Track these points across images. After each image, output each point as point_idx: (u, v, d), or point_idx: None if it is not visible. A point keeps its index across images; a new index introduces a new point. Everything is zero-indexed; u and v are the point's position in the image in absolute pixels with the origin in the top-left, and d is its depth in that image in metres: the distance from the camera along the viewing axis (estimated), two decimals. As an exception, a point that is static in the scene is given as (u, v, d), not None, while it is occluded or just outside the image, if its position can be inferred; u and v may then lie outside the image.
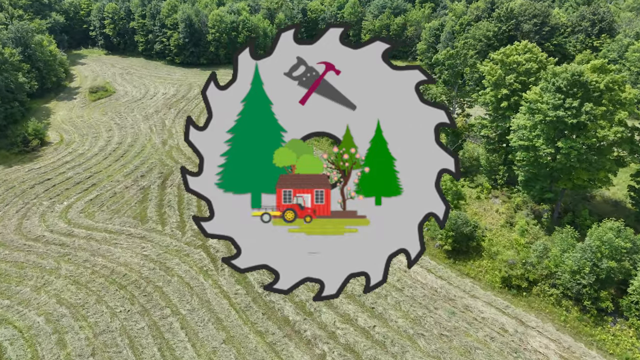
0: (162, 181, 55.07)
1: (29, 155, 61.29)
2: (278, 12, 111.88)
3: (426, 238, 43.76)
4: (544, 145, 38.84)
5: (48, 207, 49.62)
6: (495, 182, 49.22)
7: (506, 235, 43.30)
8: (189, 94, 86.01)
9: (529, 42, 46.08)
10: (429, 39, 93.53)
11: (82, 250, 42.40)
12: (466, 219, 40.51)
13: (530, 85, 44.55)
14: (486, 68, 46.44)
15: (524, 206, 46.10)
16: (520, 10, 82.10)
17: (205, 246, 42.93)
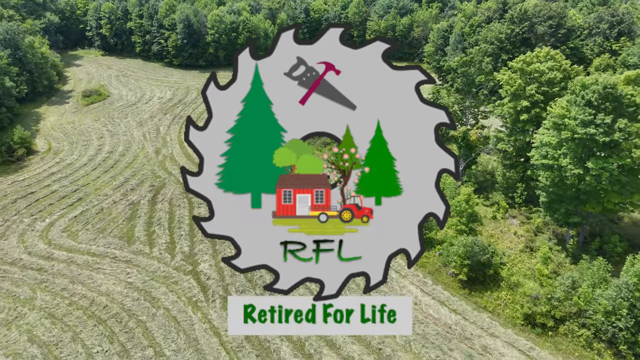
0: (153, 195, 51.40)
1: (13, 165, 57.72)
2: (280, 12, 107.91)
3: (438, 264, 39.91)
4: (571, 165, 34.87)
5: (29, 225, 46.01)
6: (513, 200, 45.26)
7: (526, 261, 39.36)
8: (186, 98, 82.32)
9: (551, 49, 42.02)
10: (437, 41, 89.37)
11: (61, 276, 38.74)
12: (483, 246, 36.61)
13: (554, 96, 40.58)
14: (504, 77, 42.45)
15: (545, 228, 42.16)
16: (534, 12, 77.86)
17: (195, 272, 39.23)
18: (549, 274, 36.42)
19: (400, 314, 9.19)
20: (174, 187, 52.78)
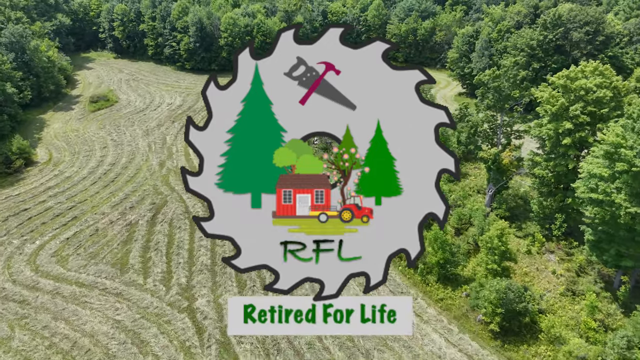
0: (153, 215, 47.64)
1: (9, 178, 54.65)
2: (296, 15, 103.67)
3: (465, 308, 35.09)
4: (627, 203, 29.72)
5: (17, 247, 42.61)
6: (550, 232, 40.06)
7: (568, 308, 34.25)
8: (196, 105, 78.77)
9: (600, 63, 36.75)
10: (462, 46, 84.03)
11: (44, 311, 35.08)
12: (519, 292, 31.69)
13: (602, 118, 35.38)
14: (544, 94, 37.32)
15: (589, 268, 36.94)
16: (569, 17, 71.95)
17: (191, 309, 35.16)
18: (597, 326, 31.32)
19: (400, 314, 9.13)
20: (175, 206, 48.95)
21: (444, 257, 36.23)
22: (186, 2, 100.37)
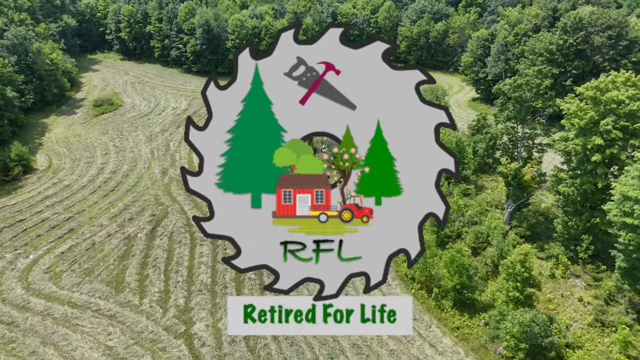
0: (152, 227, 45.49)
1: (7, 186, 52.83)
2: (305, 17, 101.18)
3: (484, 338, 32.39)
4: (667, 230, 26.85)
5: (10, 262, 40.64)
6: (576, 254, 37.16)
7: (597, 341, 31.41)
8: (202, 110, 76.52)
9: (632, 74, 33.82)
10: (477, 50, 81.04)
11: (32, 334, 32.99)
12: (545, 325, 28.94)
13: (636, 134, 32.49)
14: (571, 107, 34.47)
15: (619, 295, 34.02)
16: (590, 20, 68.70)
17: (188, 335, 32.86)
18: (631, 365, 28.51)
19: (400, 313, 9.09)
20: (176, 218, 46.77)
21: (461, 282, 33.58)
22: (193, 4, 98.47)
